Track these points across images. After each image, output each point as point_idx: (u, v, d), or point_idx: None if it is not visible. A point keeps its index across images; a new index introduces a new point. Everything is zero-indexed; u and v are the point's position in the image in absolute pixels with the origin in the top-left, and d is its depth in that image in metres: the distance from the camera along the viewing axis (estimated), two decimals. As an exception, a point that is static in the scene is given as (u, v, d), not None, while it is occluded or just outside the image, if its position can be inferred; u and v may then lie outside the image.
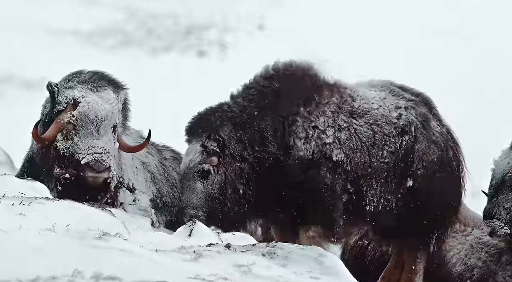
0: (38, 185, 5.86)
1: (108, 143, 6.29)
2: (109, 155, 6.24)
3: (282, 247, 4.98)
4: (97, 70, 6.68)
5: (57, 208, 4.92)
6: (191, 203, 6.72)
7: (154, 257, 4.43)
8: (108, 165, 6.21)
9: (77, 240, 4.35)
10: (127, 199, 6.81)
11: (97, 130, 6.29)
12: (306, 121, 6.90)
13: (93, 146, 6.22)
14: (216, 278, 4.30)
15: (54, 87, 6.43)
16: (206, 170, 6.73)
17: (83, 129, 6.28)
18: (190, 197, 6.74)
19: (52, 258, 3.96)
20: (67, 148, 6.28)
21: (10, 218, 4.49)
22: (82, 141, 6.25)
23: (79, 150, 6.23)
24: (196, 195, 6.75)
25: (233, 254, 4.81)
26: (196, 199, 6.74)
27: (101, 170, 6.19)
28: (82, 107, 6.33)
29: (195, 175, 6.77)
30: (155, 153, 7.37)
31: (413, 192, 7.08)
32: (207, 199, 6.76)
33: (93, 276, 3.66)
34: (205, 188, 6.77)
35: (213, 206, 6.75)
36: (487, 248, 7.92)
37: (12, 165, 7.09)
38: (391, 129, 7.13)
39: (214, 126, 6.79)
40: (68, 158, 6.25)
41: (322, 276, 4.75)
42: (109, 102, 6.43)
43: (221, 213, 6.73)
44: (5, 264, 3.74)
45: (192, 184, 6.77)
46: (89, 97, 6.39)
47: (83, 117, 6.30)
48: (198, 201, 6.73)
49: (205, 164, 6.74)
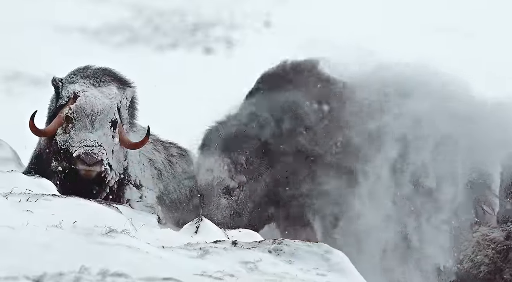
0: (45, 182, 5.88)
1: (103, 137, 6.29)
2: (101, 148, 6.22)
3: (289, 243, 4.98)
4: (105, 66, 6.70)
5: (64, 204, 4.93)
6: (215, 219, 6.79)
7: (161, 254, 4.43)
8: (100, 159, 6.20)
9: (83, 236, 4.36)
10: (133, 195, 6.82)
11: (92, 124, 6.29)
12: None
13: (85, 139, 6.22)
14: (222, 274, 4.30)
15: (58, 82, 6.47)
16: (232, 187, 6.82)
17: (78, 122, 6.30)
18: (214, 213, 6.84)
19: (59, 255, 3.97)
20: (64, 141, 6.31)
21: (17, 214, 4.51)
22: (77, 134, 6.26)
23: (73, 143, 6.25)
24: (221, 211, 6.86)
25: (240, 250, 4.81)
26: (221, 215, 6.85)
27: (91, 163, 6.18)
28: (79, 100, 6.36)
29: (219, 192, 6.87)
30: (161, 150, 7.37)
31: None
32: (232, 215, 6.87)
33: (99, 272, 3.66)
34: (229, 204, 6.87)
35: (237, 221, 6.85)
36: (494, 245, 7.91)
37: (19, 162, 7.11)
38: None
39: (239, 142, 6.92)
40: (64, 151, 6.28)
41: (328, 273, 4.75)
42: (109, 97, 6.44)
43: (243, 225, 6.85)
44: (12, 261, 3.75)
45: (217, 200, 6.87)
46: (89, 92, 6.41)
47: (79, 111, 6.32)
48: (223, 218, 6.85)
49: (232, 181, 6.83)
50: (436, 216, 7.26)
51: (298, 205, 6.95)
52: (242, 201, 6.81)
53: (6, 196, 4.90)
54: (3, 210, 4.48)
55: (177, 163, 7.43)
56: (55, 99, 6.52)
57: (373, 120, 7.11)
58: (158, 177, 7.17)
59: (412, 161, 7.17)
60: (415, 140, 7.20)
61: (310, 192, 6.97)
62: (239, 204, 6.79)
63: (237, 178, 6.79)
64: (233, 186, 6.78)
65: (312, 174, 6.97)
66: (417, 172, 7.17)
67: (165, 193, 7.17)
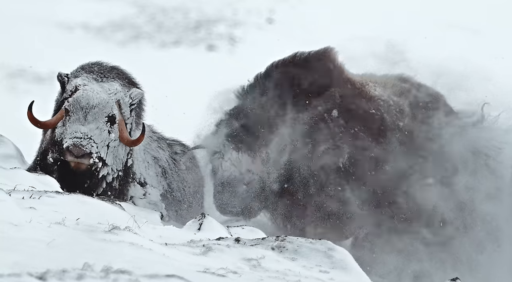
0: (48, 179, 5.89)
1: (96, 130, 6.30)
2: (90, 141, 6.24)
3: (292, 241, 4.98)
4: (115, 65, 6.74)
5: (67, 201, 4.94)
6: (232, 204, 7.01)
7: (164, 251, 4.43)
8: (88, 151, 6.21)
9: (87, 233, 4.36)
10: (137, 192, 6.82)
11: (85, 116, 6.31)
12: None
13: (75, 131, 6.25)
14: (225, 272, 4.30)
15: (64, 77, 6.51)
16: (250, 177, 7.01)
17: (73, 115, 6.33)
18: (232, 201, 7.01)
19: (62, 252, 3.97)
20: (60, 134, 6.35)
21: (20, 211, 4.51)
22: (70, 126, 6.30)
23: (66, 135, 6.29)
24: (239, 199, 7.04)
25: (243, 248, 4.81)
26: (239, 201, 7.02)
27: (79, 155, 6.21)
28: (77, 93, 6.39)
29: (239, 182, 7.08)
30: (166, 148, 7.38)
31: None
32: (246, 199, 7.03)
33: (103, 269, 3.66)
34: (247, 192, 7.03)
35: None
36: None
37: (22, 159, 7.12)
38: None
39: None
40: (58, 143, 6.32)
41: (331, 270, 4.75)
42: (108, 92, 6.46)
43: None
44: (16, 258, 3.75)
45: (235, 190, 7.06)
46: (89, 86, 6.44)
47: (75, 103, 6.36)
48: (240, 203, 7.01)
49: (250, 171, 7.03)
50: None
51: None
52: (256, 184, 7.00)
53: (9, 193, 4.90)
54: (6, 207, 4.48)
55: (181, 160, 7.44)
56: (60, 94, 6.58)
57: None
58: (162, 174, 7.18)
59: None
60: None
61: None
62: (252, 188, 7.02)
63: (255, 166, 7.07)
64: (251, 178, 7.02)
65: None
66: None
67: (169, 190, 7.17)
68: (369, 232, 7.18)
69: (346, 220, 7.19)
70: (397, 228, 7.10)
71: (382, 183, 7.11)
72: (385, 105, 7.24)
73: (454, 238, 7.17)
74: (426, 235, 7.11)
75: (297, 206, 7.17)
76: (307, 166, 7.10)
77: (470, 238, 7.23)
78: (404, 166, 7.10)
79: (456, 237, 7.17)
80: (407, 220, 7.10)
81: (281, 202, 7.20)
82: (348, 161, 7.05)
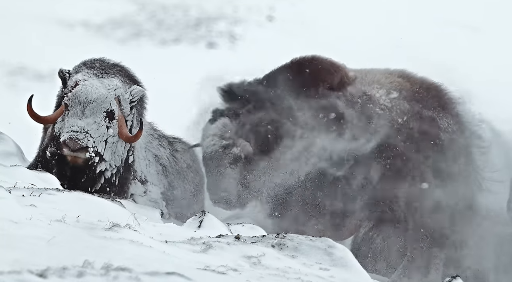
0: (49, 176, 5.89)
1: (93, 125, 6.30)
2: (86, 135, 6.24)
3: (292, 238, 4.98)
4: (118, 62, 6.75)
5: (68, 199, 4.94)
6: (223, 188, 7.01)
7: (164, 248, 4.44)
8: (85, 145, 6.22)
9: (87, 231, 4.37)
10: (138, 190, 6.83)
11: (83, 111, 6.32)
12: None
13: (72, 125, 6.26)
14: (225, 269, 4.30)
15: (65, 73, 6.52)
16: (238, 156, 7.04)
17: (72, 109, 6.34)
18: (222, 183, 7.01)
19: (62, 249, 3.97)
20: (59, 128, 6.36)
21: (20, 209, 4.51)
22: (68, 121, 6.30)
23: (63, 129, 6.30)
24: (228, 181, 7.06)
25: (243, 245, 4.81)
26: (228, 184, 7.03)
27: (75, 149, 6.21)
28: (76, 88, 6.40)
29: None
30: (167, 145, 7.38)
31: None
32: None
33: (103, 267, 3.66)
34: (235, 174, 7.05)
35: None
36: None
37: (22, 156, 7.12)
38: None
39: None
40: (56, 137, 6.34)
41: (331, 268, 4.75)
42: (108, 88, 6.46)
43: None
44: (16, 255, 3.75)
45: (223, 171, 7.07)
46: (88, 81, 6.45)
47: (74, 98, 6.37)
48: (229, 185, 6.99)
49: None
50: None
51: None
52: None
53: (9, 191, 4.90)
54: (7, 204, 4.48)
55: (182, 158, 7.44)
56: (62, 90, 6.59)
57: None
58: (162, 172, 7.18)
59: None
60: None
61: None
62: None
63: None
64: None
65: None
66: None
67: (170, 188, 7.18)
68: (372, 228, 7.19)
69: (346, 218, 7.19)
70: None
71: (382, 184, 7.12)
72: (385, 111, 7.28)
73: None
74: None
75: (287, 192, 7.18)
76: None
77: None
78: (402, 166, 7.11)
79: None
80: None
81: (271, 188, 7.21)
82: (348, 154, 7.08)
